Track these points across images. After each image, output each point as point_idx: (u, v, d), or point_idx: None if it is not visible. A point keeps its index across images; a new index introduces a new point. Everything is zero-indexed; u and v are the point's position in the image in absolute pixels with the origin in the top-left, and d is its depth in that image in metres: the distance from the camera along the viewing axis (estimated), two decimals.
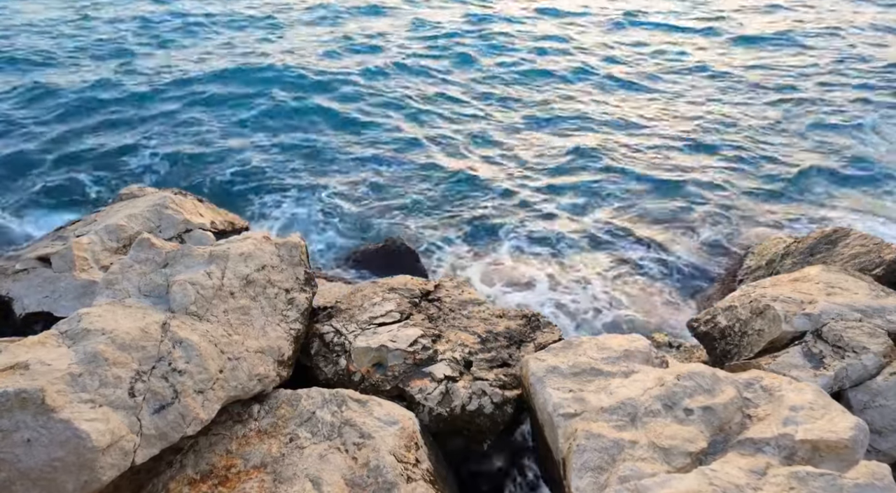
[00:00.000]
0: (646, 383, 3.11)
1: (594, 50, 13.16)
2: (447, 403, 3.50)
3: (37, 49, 12.23)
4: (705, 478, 2.53)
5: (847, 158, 8.56)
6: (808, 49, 12.94)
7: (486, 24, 14.58)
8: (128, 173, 8.23)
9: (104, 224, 4.41)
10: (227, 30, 13.81)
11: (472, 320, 4.20)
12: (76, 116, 9.67)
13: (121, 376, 2.72)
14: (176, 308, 3.20)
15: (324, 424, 3.12)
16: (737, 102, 10.54)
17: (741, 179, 8.20)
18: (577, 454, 2.78)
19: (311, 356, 3.86)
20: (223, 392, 3.03)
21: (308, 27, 14.12)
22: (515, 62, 12.32)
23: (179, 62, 11.84)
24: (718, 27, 14.58)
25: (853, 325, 3.51)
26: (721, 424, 2.89)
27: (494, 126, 9.77)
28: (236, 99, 10.47)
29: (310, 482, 2.78)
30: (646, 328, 5.71)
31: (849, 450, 2.66)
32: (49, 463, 2.42)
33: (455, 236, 7.05)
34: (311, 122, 9.83)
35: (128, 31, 13.23)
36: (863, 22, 14.43)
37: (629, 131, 9.56)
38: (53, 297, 3.99)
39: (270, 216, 7.45)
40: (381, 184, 8.15)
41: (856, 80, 11.17)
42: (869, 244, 4.66)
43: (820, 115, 9.89)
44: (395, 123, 9.78)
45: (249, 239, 3.75)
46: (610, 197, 7.88)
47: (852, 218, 7.22)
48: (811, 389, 3.02)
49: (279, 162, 8.61)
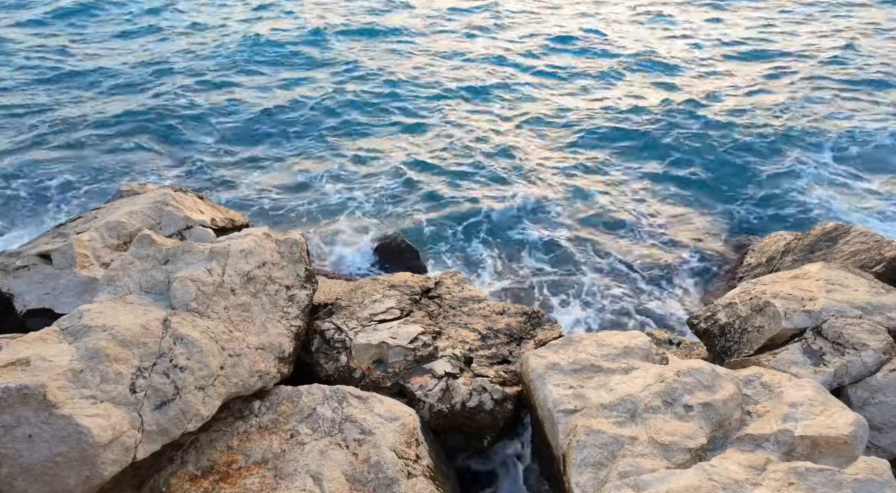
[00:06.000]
0: (646, 379, 3.11)
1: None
2: (447, 399, 3.50)
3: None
4: (705, 474, 2.54)
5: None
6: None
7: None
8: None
9: (105, 221, 4.41)
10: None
11: (473, 317, 4.21)
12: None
13: (122, 372, 2.73)
14: (177, 305, 3.20)
15: (325, 420, 3.13)
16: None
17: (742, 176, 8.19)
18: (578, 450, 2.79)
19: (311, 353, 3.87)
20: (224, 389, 3.04)
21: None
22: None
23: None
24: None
25: (853, 322, 3.51)
26: (721, 420, 2.90)
27: (501, 124, 9.78)
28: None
29: (311, 477, 2.79)
30: (646, 325, 5.72)
31: (848, 446, 2.67)
32: (51, 458, 2.43)
33: (455, 235, 7.05)
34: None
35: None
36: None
37: (630, 124, 9.56)
38: (54, 293, 4.00)
39: (268, 215, 7.46)
40: (381, 183, 8.16)
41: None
42: (869, 242, 4.67)
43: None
44: (396, 120, 9.79)
45: (250, 236, 3.75)
46: (610, 196, 7.88)
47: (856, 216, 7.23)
48: (811, 385, 3.03)
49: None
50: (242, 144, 9.09)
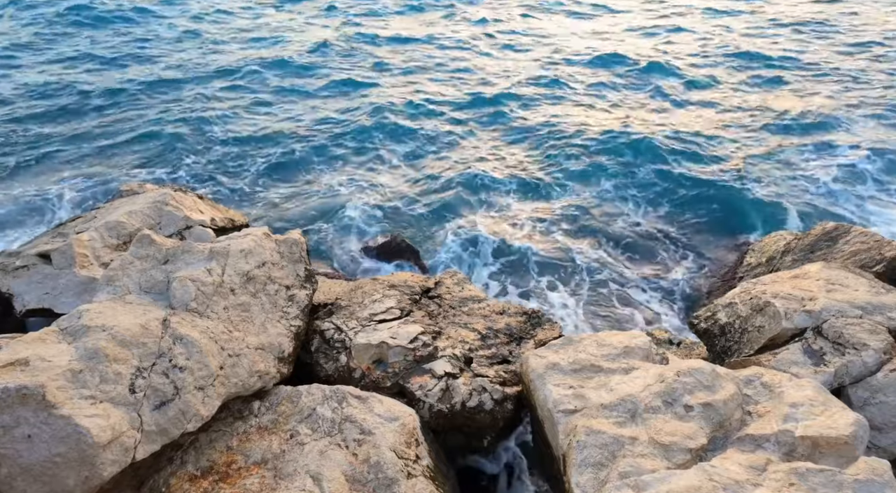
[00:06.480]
0: (646, 379, 3.11)
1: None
2: (447, 399, 3.50)
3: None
4: (705, 474, 2.54)
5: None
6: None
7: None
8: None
9: (104, 221, 4.40)
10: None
11: (473, 317, 4.20)
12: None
13: (121, 372, 2.72)
14: (176, 305, 3.20)
15: (324, 420, 3.12)
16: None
17: (742, 174, 8.19)
18: (578, 451, 2.79)
19: (311, 353, 3.86)
20: (224, 389, 3.03)
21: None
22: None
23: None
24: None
25: (853, 322, 3.51)
26: (721, 420, 2.89)
27: (497, 125, 9.77)
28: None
29: (310, 478, 2.79)
30: (646, 325, 5.71)
31: (849, 446, 2.66)
32: (50, 459, 2.43)
33: (456, 235, 7.05)
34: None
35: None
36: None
37: (629, 124, 9.56)
38: (54, 293, 3.99)
39: (267, 214, 7.45)
40: (382, 184, 8.15)
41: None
42: (869, 241, 4.66)
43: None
44: (395, 121, 9.79)
45: (250, 236, 3.74)
46: (609, 195, 7.87)
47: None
48: (811, 385, 3.02)
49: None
50: (243, 143, 9.08)
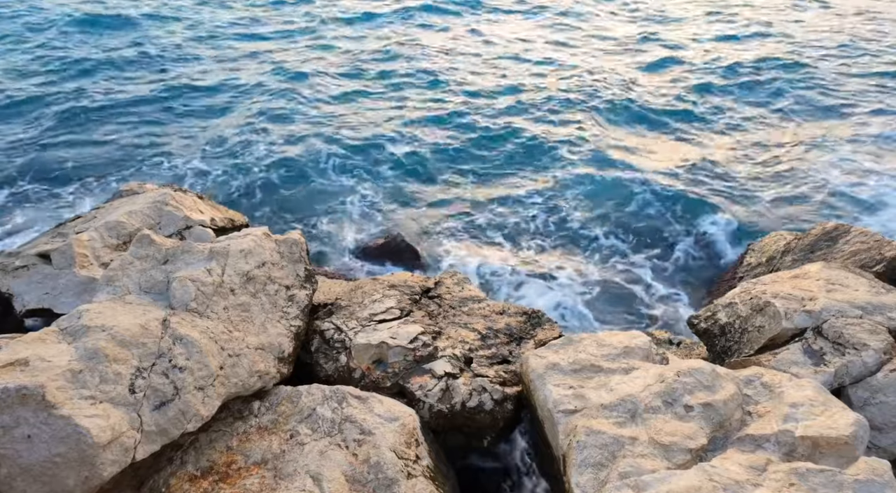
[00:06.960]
0: (646, 379, 3.11)
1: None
2: (447, 399, 3.50)
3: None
4: (705, 474, 2.54)
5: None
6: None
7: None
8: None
9: (104, 221, 4.40)
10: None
11: (473, 317, 4.20)
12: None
13: (121, 372, 2.72)
14: (176, 305, 3.19)
15: (324, 420, 3.12)
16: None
17: (743, 173, 8.19)
18: (578, 451, 2.79)
19: (311, 353, 3.86)
20: (224, 389, 3.03)
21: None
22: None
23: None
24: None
25: (853, 322, 3.51)
26: (721, 420, 2.89)
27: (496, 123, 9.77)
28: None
29: (310, 478, 2.79)
30: (646, 325, 5.71)
31: (849, 447, 2.66)
32: (50, 459, 2.42)
33: (456, 233, 7.05)
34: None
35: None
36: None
37: (621, 126, 9.56)
38: (53, 293, 3.99)
39: (267, 214, 7.45)
40: (382, 184, 8.15)
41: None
42: (869, 241, 4.66)
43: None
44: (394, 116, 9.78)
45: (250, 236, 3.74)
46: (609, 194, 7.87)
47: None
48: (811, 385, 3.02)
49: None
50: (243, 143, 9.08)
